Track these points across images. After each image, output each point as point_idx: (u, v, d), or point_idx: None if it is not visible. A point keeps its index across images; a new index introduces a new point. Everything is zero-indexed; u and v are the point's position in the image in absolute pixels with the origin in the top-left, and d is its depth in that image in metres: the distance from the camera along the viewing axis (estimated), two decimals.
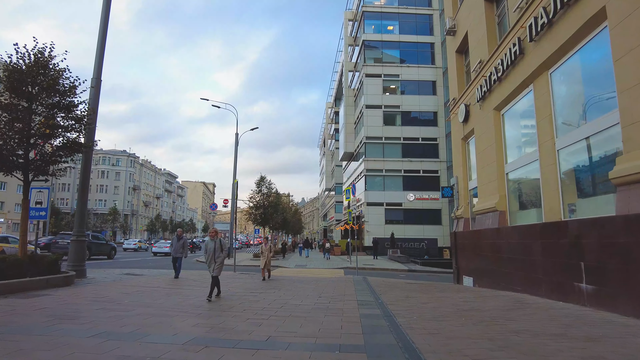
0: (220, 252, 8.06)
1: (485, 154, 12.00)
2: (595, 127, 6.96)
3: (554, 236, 7.73)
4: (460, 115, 14.21)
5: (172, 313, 6.08)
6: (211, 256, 8.01)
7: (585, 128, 7.33)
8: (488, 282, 11.20)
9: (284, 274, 16.30)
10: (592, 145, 7.23)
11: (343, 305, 7.34)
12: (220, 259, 8.02)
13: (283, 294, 8.87)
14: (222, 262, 8.06)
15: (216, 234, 8.21)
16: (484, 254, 11.59)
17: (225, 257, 8.30)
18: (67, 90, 9.87)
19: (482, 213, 12.07)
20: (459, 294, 9.57)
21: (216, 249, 8.02)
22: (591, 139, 7.19)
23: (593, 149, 7.24)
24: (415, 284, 12.96)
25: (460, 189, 14.86)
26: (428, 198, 37.54)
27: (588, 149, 7.37)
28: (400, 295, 9.17)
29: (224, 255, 8.10)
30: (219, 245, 8.07)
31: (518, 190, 10.71)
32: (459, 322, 5.66)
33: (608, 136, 6.72)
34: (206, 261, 8.17)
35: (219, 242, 8.09)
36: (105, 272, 13.29)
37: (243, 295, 8.49)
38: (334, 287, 10.55)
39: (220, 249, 8.05)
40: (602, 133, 6.78)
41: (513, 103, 10.63)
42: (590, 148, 7.32)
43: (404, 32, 40.98)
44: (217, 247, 8.03)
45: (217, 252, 8.02)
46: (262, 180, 27.58)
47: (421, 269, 22.66)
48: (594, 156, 7.26)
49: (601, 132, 6.80)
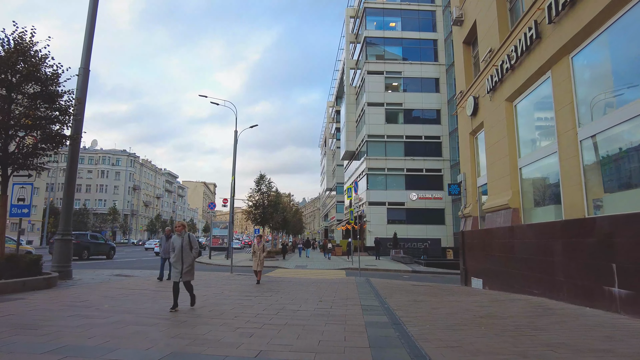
0: (190, 252, 6.45)
1: (496, 148, 11.29)
2: (628, 113, 6.24)
3: (579, 235, 7.03)
4: (468, 108, 13.51)
5: (153, 321, 5.39)
6: (178, 256, 6.40)
7: (615, 114, 6.61)
8: (499, 284, 10.49)
9: (283, 275, 15.61)
10: (624, 133, 6.52)
11: (346, 310, 6.64)
12: (190, 260, 6.44)
13: (280, 297, 8.18)
14: (192, 265, 6.52)
15: (184, 228, 6.58)
16: (495, 254, 10.88)
17: (196, 258, 6.73)
18: (49, 79, 9.21)
19: (493, 211, 11.36)
20: (471, 297, 8.86)
21: (184, 246, 6.42)
22: (622, 126, 6.47)
23: (625, 137, 6.52)
24: (421, 286, 12.25)
25: (467, 186, 14.14)
26: (431, 197, 36.82)
27: (618, 138, 6.65)
28: (408, 299, 8.47)
29: (194, 256, 6.50)
30: (188, 242, 6.46)
31: (533, 186, 10.00)
32: (479, 331, 4.96)
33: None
34: (172, 262, 6.52)
35: (188, 239, 6.46)
36: (95, 273, 12.62)
37: (237, 299, 7.79)
38: (335, 290, 9.86)
39: (189, 247, 6.45)
40: (638, 119, 6.06)
41: (527, 93, 9.92)
42: (620, 137, 6.61)
43: (406, 28, 40.27)
44: (186, 245, 6.44)
45: (185, 251, 6.42)
46: (261, 178, 26.88)
47: (425, 270, 21.95)
48: (626, 145, 6.53)
49: (636, 118, 6.08)
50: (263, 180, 26.86)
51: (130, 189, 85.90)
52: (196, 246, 6.59)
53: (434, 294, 9.62)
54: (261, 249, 11.23)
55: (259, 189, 26.62)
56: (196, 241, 6.62)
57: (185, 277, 6.42)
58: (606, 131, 6.85)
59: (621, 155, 6.69)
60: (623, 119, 6.38)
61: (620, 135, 6.63)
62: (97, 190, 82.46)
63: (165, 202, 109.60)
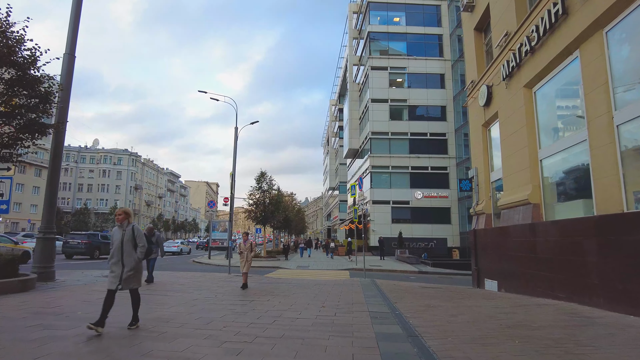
0: (133, 251, 4.76)
1: (513, 139, 10.42)
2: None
3: (619, 232, 6.17)
4: (480, 98, 12.64)
5: (125, 332, 4.58)
6: (117, 256, 4.73)
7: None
8: (517, 286, 9.64)
9: (284, 276, 14.80)
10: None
11: (352, 318, 5.81)
12: (132, 262, 4.74)
13: (278, 302, 7.35)
14: (135, 268, 4.79)
15: (127, 218, 4.84)
16: (512, 254, 10.02)
17: (143, 259, 4.92)
18: (27, 62, 8.44)
19: (510, 207, 10.50)
20: (489, 301, 8.01)
21: (125, 243, 4.73)
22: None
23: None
24: (431, 288, 11.40)
25: (480, 181, 13.28)
26: (437, 196, 35.90)
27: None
28: (420, 303, 7.63)
29: (138, 256, 4.78)
30: (131, 237, 4.77)
31: (556, 179, 9.13)
32: (514, 347, 4.12)
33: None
34: (108, 261, 4.85)
35: (131, 233, 4.77)
36: (83, 274, 11.83)
37: (229, 305, 6.98)
38: (339, 293, 9.03)
39: (131, 244, 4.76)
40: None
41: (549, 77, 9.05)
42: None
43: (410, 23, 39.36)
44: (128, 241, 4.74)
45: (126, 249, 4.72)
46: (262, 176, 26.04)
47: (432, 271, 21.10)
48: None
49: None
50: (264, 178, 26.02)
51: (132, 189, 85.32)
52: (142, 243, 4.84)
53: (447, 297, 8.78)
54: (248, 249, 9.77)
55: (260, 187, 25.79)
56: (143, 236, 4.91)
57: (126, 284, 4.72)
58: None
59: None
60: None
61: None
62: (99, 190, 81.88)
63: (168, 202, 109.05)
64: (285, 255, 25.34)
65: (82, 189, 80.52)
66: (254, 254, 9.99)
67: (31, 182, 56.13)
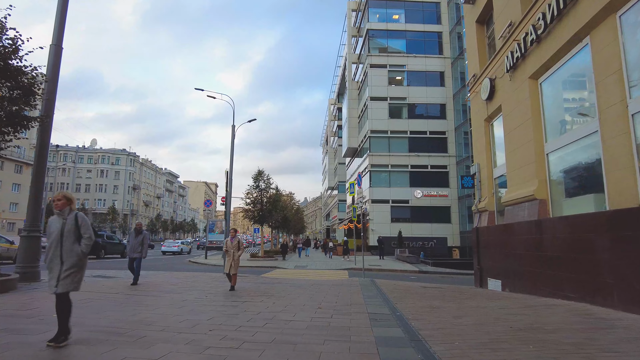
0: (74, 244, 3.90)
1: (518, 133, 10.03)
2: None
3: (634, 227, 5.76)
4: (483, 92, 12.25)
5: (101, 336, 4.17)
6: (55, 250, 3.85)
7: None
8: (523, 286, 9.23)
9: (281, 276, 14.39)
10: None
11: (350, 321, 5.41)
12: (74, 258, 3.87)
13: (273, 303, 6.94)
14: (77, 265, 3.89)
15: (68, 204, 3.99)
16: (517, 252, 9.62)
17: (86, 257, 4.03)
18: (7, 51, 8.01)
19: (515, 204, 10.10)
20: (495, 302, 7.61)
21: (65, 234, 3.87)
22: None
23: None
24: (433, 288, 11.00)
25: (482, 178, 12.88)
26: (436, 195, 35.52)
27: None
28: (422, 304, 7.22)
29: (82, 250, 3.91)
30: (73, 226, 3.92)
31: (563, 173, 8.72)
32: (528, 353, 3.71)
33: None
34: (46, 258, 3.94)
35: (74, 222, 3.92)
36: None
37: (220, 306, 6.56)
38: (337, 293, 8.62)
39: (74, 236, 3.91)
40: None
41: (556, 67, 8.65)
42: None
43: (410, 20, 38.99)
44: (69, 232, 3.89)
45: (66, 241, 3.86)
46: (259, 174, 25.60)
47: (433, 270, 20.70)
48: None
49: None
50: (261, 177, 25.58)
51: (130, 189, 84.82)
52: (89, 234, 3.95)
53: (450, 297, 8.37)
54: (235, 247, 9.02)
55: (257, 186, 25.35)
56: (89, 226, 4.00)
57: (63, 285, 3.79)
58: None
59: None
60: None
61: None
62: (97, 190, 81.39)
63: (166, 202, 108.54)
64: (283, 256, 24.85)
65: (80, 189, 80.00)
66: (241, 253, 9.14)
67: (10, 179, 54.23)
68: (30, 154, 55.73)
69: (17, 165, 54.11)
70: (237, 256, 8.94)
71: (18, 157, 53.43)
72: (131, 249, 9.37)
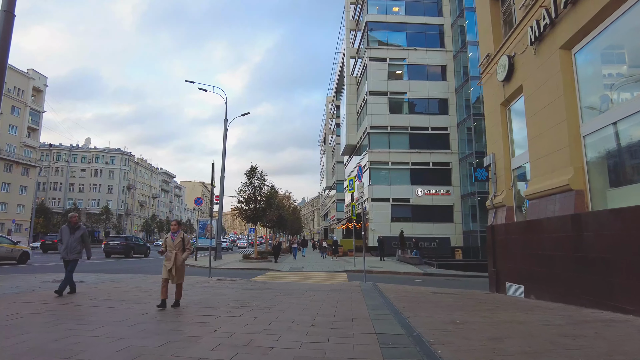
0: None
1: (545, 114, 8.62)
2: None
3: None
4: (499, 72, 10.85)
5: None
6: None
7: None
8: (555, 293, 7.83)
9: (272, 280, 12.94)
10: None
11: (353, 348, 3.97)
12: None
13: (254, 319, 5.50)
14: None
15: None
16: (546, 253, 8.22)
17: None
18: None
19: (541, 196, 8.69)
20: (530, 314, 6.19)
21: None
22: None
23: None
24: (445, 294, 9.59)
25: (498, 169, 11.47)
26: (439, 193, 34.11)
27: None
28: (441, 318, 5.79)
29: None
30: None
31: (607, 158, 7.32)
32: None
33: None
34: None
35: None
36: (34, 279, 9.91)
37: (184, 324, 5.12)
38: (335, 303, 7.19)
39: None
40: None
41: (597, 32, 7.24)
42: None
43: (410, 13, 37.60)
44: None
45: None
46: (253, 171, 24.11)
47: (438, 272, 19.28)
48: None
49: None
50: (255, 173, 24.10)
51: (124, 188, 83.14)
52: None
53: (472, 307, 6.95)
54: (179, 247, 6.47)
55: (250, 183, 23.86)
56: None
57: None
58: None
59: None
60: None
61: None
62: (91, 190, 79.60)
63: (162, 202, 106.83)
64: (275, 258, 22.96)
65: (74, 188, 78.28)
66: (187, 255, 6.56)
67: (18, 182, 53.77)
68: (20, 152, 54.29)
69: (7, 164, 52.49)
70: (181, 260, 6.46)
71: (7, 155, 51.85)
72: (67, 249, 7.24)
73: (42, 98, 59.37)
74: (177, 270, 6.40)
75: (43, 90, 59.26)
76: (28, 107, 55.20)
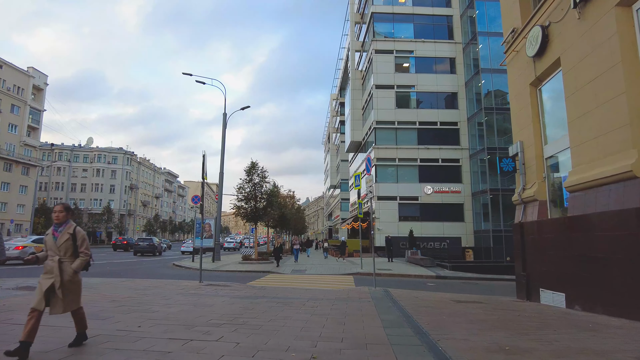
0: None
1: (593, 88, 7.18)
2: None
3: None
4: (529, 46, 9.39)
5: None
6: None
7: None
8: (611, 304, 6.39)
9: (272, 284, 11.54)
10: None
11: None
12: None
13: (235, 345, 4.11)
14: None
15: None
16: (598, 255, 6.79)
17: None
18: None
19: (590, 187, 7.24)
20: (598, 336, 4.76)
21: None
22: None
23: None
24: (470, 303, 8.16)
25: (527, 158, 10.02)
26: (448, 191, 32.57)
27: None
28: (482, 342, 4.38)
29: None
30: None
31: None
32: None
33: None
34: None
35: None
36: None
37: (151, 347, 3.74)
38: (342, 317, 5.80)
39: None
40: None
41: None
42: None
43: (417, 4, 36.09)
44: None
45: None
46: (253, 167, 22.70)
47: (452, 275, 17.81)
48: None
49: None
50: (255, 169, 22.71)
51: (127, 188, 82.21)
52: None
53: (515, 325, 5.52)
54: (65, 250, 3.92)
55: (250, 179, 22.47)
56: None
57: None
58: None
59: None
60: None
61: None
62: (93, 190, 78.71)
63: (165, 202, 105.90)
64: (277, 260, 21.17)
65: (76, 188, 77.44)
66: (80, 265, 3.94)
67: (18, 181, 52.96)
68: (20, 152, 53.40)
69: (7, 164, 51.64)
70: (70, 271, 3.88)
71: (7, 154, 50.99)
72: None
73: (42, 97, 58.46)
74: (66, 290, 3.83)
75: (43, 88, 58.31)
76: (28, 106, 54.27)
